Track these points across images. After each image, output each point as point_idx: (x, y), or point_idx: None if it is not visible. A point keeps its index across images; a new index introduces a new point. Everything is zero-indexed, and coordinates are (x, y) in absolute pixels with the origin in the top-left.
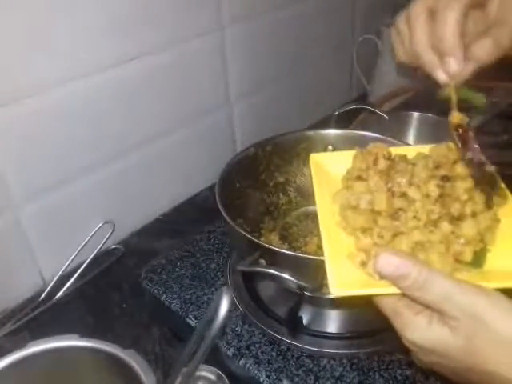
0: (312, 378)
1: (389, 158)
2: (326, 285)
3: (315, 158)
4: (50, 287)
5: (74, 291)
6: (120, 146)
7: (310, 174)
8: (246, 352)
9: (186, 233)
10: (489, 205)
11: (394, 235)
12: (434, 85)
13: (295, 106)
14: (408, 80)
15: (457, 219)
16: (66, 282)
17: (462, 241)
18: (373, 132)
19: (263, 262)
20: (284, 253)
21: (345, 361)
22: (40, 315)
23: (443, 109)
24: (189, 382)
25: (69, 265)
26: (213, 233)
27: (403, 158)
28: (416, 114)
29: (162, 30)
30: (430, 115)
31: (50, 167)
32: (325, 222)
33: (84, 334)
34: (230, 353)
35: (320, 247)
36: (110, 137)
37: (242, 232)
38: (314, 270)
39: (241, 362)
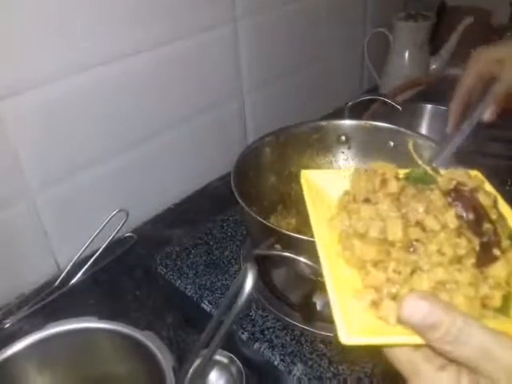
0: (326, 361)
1: (399, 179)
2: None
3: (306, 176)
4: (64, 273)
5: (88, 277)
6: (134, 136)
7: (302, 192)
8: (261, 336)
9: (198, 222)
10: None
11: (412, 271)
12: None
13: (306, 98)
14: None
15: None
16: (81, 269)
17: (490, 282)
18: (386, 123)
19: (278, 247)
20: (299, 238)
21: None
22: (55, 300)
23: None
24: (208, 363)
25: (83, 252)
26: (226, 221)
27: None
28: (429, 107)
29: (175, 22)
30: (442, 107)
31: (66, 155)
32: (325, 252)
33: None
34: (244, 337)
35: None
36: (124, 126)
37: (259, 218)
38: None
39: (255, 346)
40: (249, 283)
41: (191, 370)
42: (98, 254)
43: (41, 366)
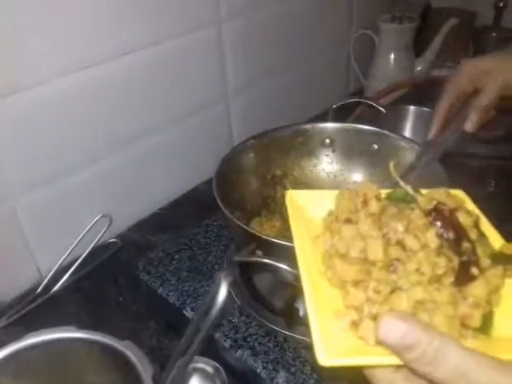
0: (309, 368)
1: (380, 199)
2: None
3: (291, 196)
4: (46, 281)
5: (70, 285)
6: (117, 140)
7: (287, 213)
8: (243, 343)
9: (184, 227)
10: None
11: (392, 291)
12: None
13: (292, 100)
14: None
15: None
16: (63, 276)
17: (470, 302)
18: (370, 126)
19: (260, 253)
20: (280, 243)
21: None
22: (37, 308)
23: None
24: (185, 372)
25: (66, 258)
26: (210, 226)
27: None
28: (412, 108)
29: (160, 24)
30: (425, 109)
31: (48, 159)
32: (307, 271)
33: (81, 327)
34: (226, 344)
35: None
36: (107, 130)
37: (239, 223)
38: None
39: (238, 353)
40: (222, 293)
41: (168, 380)
42: (80, 260)
43: (17, 377)
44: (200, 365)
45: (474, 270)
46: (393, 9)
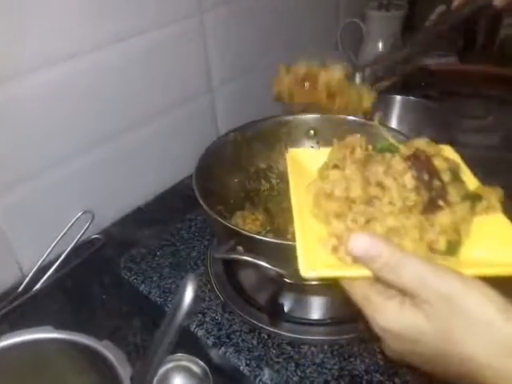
0: (293, 365)
1: (366, 148)
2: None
3: (292, 154)
4: (28, 279)
5: (53, 282)
6: (99, 134)
7: (286, 168)
8: (227, 340)
9: (168, 222)
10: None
11: (368, 221)
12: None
13: None
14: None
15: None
16: (45, 274)
17: (436, 229)
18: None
19: (240, 248)
20: (260, 239)
21: (326, 347)
22: (19, 307)
23: (427, 91)
24: (156, 372)
25: (48, 256)
26: (194, 221)
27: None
28: (398, 98)
29: (140, 15)
30: (411, 98)
31: (27, 156)
32: (298, 209)
33: (63, 326)
34: (209, 342)
35: None
36: (88, 124)
37: (219, 219)
38: (290, 256)
39: (221, 350)
40: (188, 296)
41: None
42: (62, 257)
43: None
44: (184, 363)
45: (441, 203)
46: None
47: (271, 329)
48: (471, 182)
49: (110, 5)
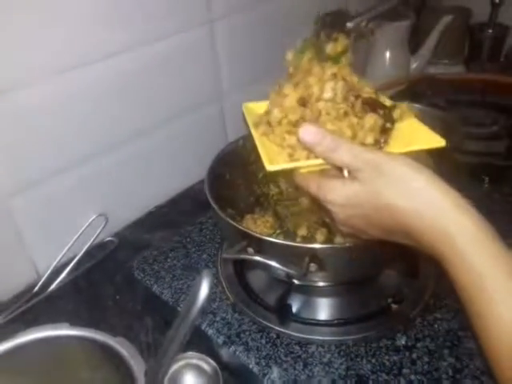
0: (301, 364)
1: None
2: (311, 272)
3: (248, 106)
4: (43, 279)
5: (67, 283)
6: (113, 139)
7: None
8: (236, 340)
9: (179, 225)
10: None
11: None
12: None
13: None
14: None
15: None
16: (60, 275)
17: (366, 127)
18: None
19: (251, 250)
20: (270, 241)
21: (333, 347)
22: (34, 307)
23: (434, 100)
24: (170, 367)
25: (62, 257)
26: (204, 224)
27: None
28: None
29: (152, 24)
30: (417, 106)
31: (44, 158)
32: (256, 135)
33: (78, 325)
34: (220, 340)
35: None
36: (103, 129)
37: (230, 221)
38: (300, 257)
39: (231, 349)
40: (203, 291)
41: (158, 374)
42: (77, 259)
43: (12, 374)
44: (194, 361)
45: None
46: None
47: (280, 329)
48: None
49: (120, 14)
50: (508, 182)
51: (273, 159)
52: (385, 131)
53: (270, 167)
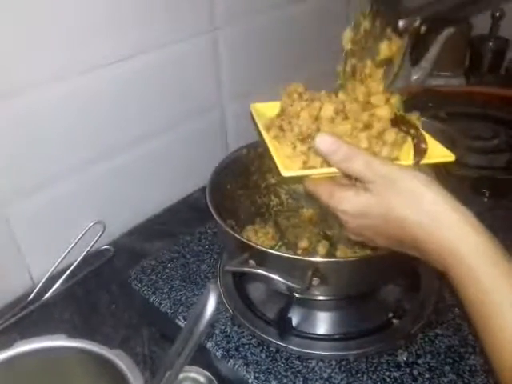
0: (301, 379)
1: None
2: (313, 285)
3: (256, 107)
4: (39, 287)
5: (63, 291)
6: (111, 146)
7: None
8: (235, 353)
9: (178, 234)
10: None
11: None
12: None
13: None
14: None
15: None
16: (56, 282)
17: (380, 143)
18: None
19: (252, 262)
20: (273, 253)
21: (333, 362)
22: (29, 315)
23: (435, 112)
24: (175, 382)
25: (58, 265)
26: (204, 234)
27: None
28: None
29: (156, 30)
30: (422, 119)
31: (40, 166)
32: (268, 138)
33: (72, 335)
34: (218, 354)
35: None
36: (101, 136)
37: (232, 232)
38: (303, 271)
39: (229, 363)
40: (211, 305)
41: None
42: (73, 267)
43: None
44: (192, 374)
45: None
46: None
47: (280, 343)
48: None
49: (122, 20)
50: (509, 196)
51: (287, 164)
52: (419, 152)
53: (285, 173)
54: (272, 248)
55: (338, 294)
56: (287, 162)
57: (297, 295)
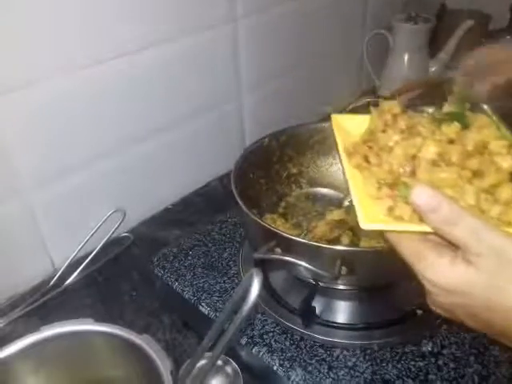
0: (326, 367)
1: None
2: (342, 275)
3: (337, 119)
4: (59, 273)
5: (83, 278)
6: (131, 136)
7: (333, 135)
8: (260, 340)
9: (195, 223)
10: None
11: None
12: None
13: (304, 99)
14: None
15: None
16: (76, 269)
17: (490, 200)
18: None
19: (279, 250)
20: (300, 241)
21: (358, 351)
22: (50, 301)
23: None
24: (208, 373)
25: (79, 251)
26: (224, 223)
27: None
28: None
29: (175, 21)
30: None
31: (61, 154)
32: (350, 170)
33: (94, 320)
34: (242, 341)
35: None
36: (120, 126)
37: (259, 220)
38: (331, 259)
39: (254, 350)
40: (255, 289)
41: (191, 375)
42: (93, 254)
43: (35, 369)
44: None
45: None
46: (407, 8)
47: (304, 331)
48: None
49: (142, 10)
50: None
51: (368, 209)
52: None
53: (365, 225)
54: (298, 236)
55: (365, 283)
56: (368, 204)
57: (321, 284)
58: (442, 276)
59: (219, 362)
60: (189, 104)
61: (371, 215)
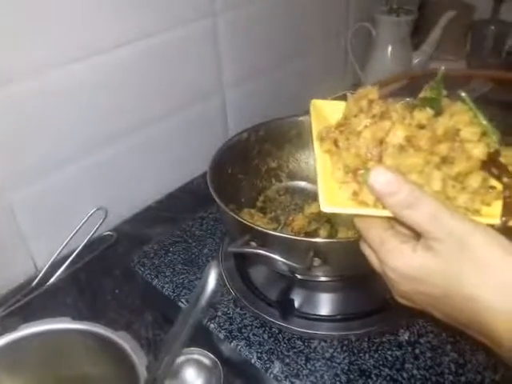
0: (303, 359)
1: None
2: (314, 266)
3: (316, 104)
4: (42, 273)
5: (66, 277)
6: (112, 131)
7: (310, 120)
8: (238, 334)
9: (179, 220)
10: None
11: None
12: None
13: (288, 92)
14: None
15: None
16: (59, 268)
17: (457, 187)
18: None
19: (254, 244)
20: (274, 234)
21: (335, 342)
22: (32, 301)
23: None
24: (174, 362)
25: (61, 251)
26: (205, 219)
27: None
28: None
29: (154, 15)
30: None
31: (42, 152)
32: (320, 155)
33: (76, 319)
34: (221, 335)
35: (308, 223)
36: (101, 121)
37: (233, 215)
38: (304, 251)
39: (232, 344)
40: (211, 281)
41: (160, 370)
42: (76, 253)
43: (13, 367)
44: (195, 356)
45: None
46: (390, 1)
47: (282, 323)
48: None
49: (122, 5)
50: None
51: (332, 193)
52: (510, 209)
53: (325, 208)
54: (274, 230)
55: (338, 274)
56: (334, 189)
57: (298, 276)
58: (403, 262)
59: (201, 358)
60: (170, 100)
61: (334, 199)
